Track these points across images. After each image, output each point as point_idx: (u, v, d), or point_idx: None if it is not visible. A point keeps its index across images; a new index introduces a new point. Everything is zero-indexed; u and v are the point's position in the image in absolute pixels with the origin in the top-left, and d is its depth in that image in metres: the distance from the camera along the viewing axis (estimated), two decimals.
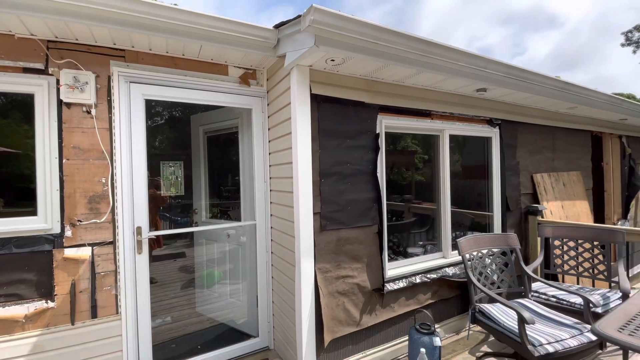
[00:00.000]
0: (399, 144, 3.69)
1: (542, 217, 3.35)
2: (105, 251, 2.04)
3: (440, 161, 2.92)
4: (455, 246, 2.63)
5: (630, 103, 3.87)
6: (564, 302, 2.47)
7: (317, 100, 2.17)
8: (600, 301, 2.36)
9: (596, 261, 2.71)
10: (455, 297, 2.89)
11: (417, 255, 2.84)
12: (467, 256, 2.51)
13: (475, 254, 2.58)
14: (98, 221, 2.02)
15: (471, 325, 2.41)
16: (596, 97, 3.37)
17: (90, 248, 1.99)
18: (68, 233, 1.94)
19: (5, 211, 1.94)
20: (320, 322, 2.16)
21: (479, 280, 2.49)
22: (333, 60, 1.99)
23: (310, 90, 2.11)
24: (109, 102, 2.06)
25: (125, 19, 1.74)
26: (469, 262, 2.49)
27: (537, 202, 3.48)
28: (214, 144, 3.35)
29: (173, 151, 8.00)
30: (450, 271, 2.78)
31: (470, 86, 2.64)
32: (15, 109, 1.99)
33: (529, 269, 2.64)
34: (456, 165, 3.21)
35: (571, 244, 2.83)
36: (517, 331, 1.92)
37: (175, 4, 1.88)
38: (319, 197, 2.18)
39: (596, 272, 2.70)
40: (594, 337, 1.90)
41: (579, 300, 2.39)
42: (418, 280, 2.58)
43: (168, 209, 6.53)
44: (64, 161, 1.94)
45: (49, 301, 1.90)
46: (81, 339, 1.96)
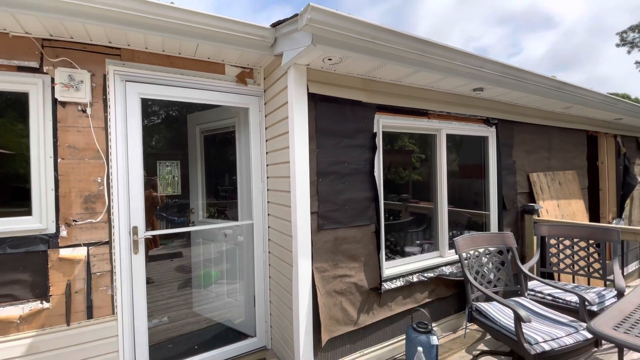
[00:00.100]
0: (396, 143, 3.69)
1: (538, 216, 3.37)
2: (101, 251, 2.02)
3: (437, 160, 2.93)
4: (452, 245, 2.63)
5: (625, 103, 3.90)
6: (560, 301, 2.49)
7: (314, 100, 2.16)
8: (596, 299, 2.38)
9: (591, 260, 2.73)
10: (452, 295, 2.90)
11: (415, 254, 2.85)
12: (464, 255, 2.52)
13: (472, 252, 2.59)
14: (94, 221, 2.00)
15: (468, 324, 2.43)
16: (591, 97, 3.39)
17: (85, 248, 1.98)
18: (63, 233, 1.93)
19: (0, 211, 1.92)
20: (317, 321, 2.16)
21: (475, 279, 2.50)
22: (330, 60, 1.98)
23: (308, 90, 2.10)
24: (105, 101, 2.04)
25: (121, 17, 1.73)
26: (465, 261, 2.50)
27: (533, 201, 3.50)
28: (211, 143, 3.34)
29: (170, 151, 7.95)
30: (447, 270, 2.80)
31: (467, 86, 2.65)
32: (9, 108, 1.97)
33: (525, 268, 2.66)
34: (453, 164, 3.22)
35: (567, 242, 2.85)
36: (514, 329, 1.93)
37: (172, 2, 1.86)
38: (317, 197, 2.18)
39: (591, 270, 2.72)
40: (589, 335, 1.91)
41: (574, 299, 2.40)
42: (415, 279, 2.58)
43: (165, 208, 6.50)
44: (59, 160, 1.92)
45: (44, 302, 1.88)
46: (77, 339, 1.94)
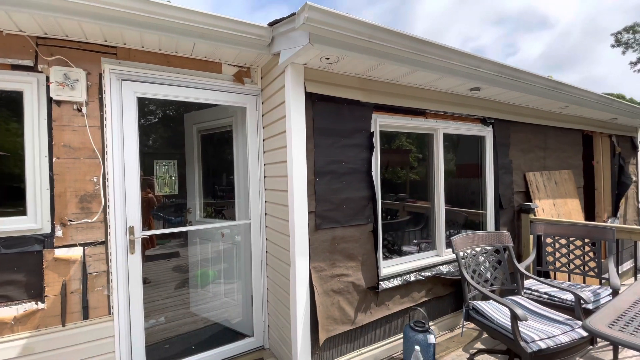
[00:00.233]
0: (393, 142, 3.70)
1: (535, 215, 3.39)
2: (97, 251, 2.01)
3: (434, 160, 2.93)
4: (449, 244, 2.64)
5: (620, 103, 3.93)
6: (556, 299, 2.50)
7: (311, 99, 2.16)
8: (591, 298, 2.40)
9: (587, 258, 2.75)
10: (449, 294, 2.91)
11: (412, 254, 2.85)
12: (461, 254, 2.53)
13: (469, 251, 2.60)
14: (89, 221, 1.99)
15: (465, 323, 2.43)
16: (587, 97, 3.41)
17: (81, 248, 1.96)
18: (58, 233, 1.91)
19: None
20: (315, 320, 2.16)
21: (472, 278, 2.51)
22: (328, 59, 1.98)
23: (305, 89, 2.10)
24: (101, 100, 2.03)
25: (117, 15, 1.72)
26: (462, 260, 2.51)
27: (530, 201, 3.52)
28: (208, 142, 3.33)
29: (167, 150, 7.91)
30: (444, 269, 2.80)
31: (464, 85, 2.65)
32: (3, 107, 1.94)
33: (521, 267, 2.67)
34: (450, 164, 3.23)
35: (563, 241, 2.87)
36: (510, 328, 1.94)
37: (168, 0, 1.85)
38: (314, 196, 2.18)
39: (587, 269, 2.74)
40: (585, 333, 1.92)
41: (570, 297, 2.42)
42: (412, 279, 2.59)
43: (162, 208, 6.47)
44: (54, 160, 1.91)
45: (39, 302, 1.87)
46: (72, 340, 1.93)
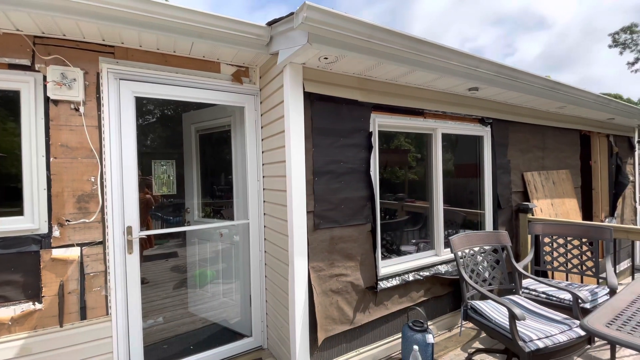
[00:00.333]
0: (392, 142, 3.70)
1: (533, 215, 3.40)
2: (95, 251, 2.00)
3: (432, 160, 2.94)
4: (447, 244, 2.64)
5: (617, 103, 3.95)
6: (554, 298, 2.51)
7: (310, 99, 2.16)
8: (589, 297, 2.41)
9: (584, 258, 2.76)
10: (448, 294, 2.92)
11: (410, 253, 2.85)
12: (459, 254, 2.53)
13: (467, 251, 2.60)
14: (87, 221, 1.98)
15: (463, 322, 2.44)
16: (585, 97, 3.43)
17: (79, 248, 1.95)
18: (56, 233, 1.90)
19: None
20: (313, 320, 2.16)
21: (470, 278, 2.51)
22: (326, 58, 1.98)
23: (304, 88, 2.10)
24: (98, 100, 2.02)
25: (114, 14, 1.71)
26: (461, 260, 2.51)
27: (528, 200, 3.53)
28: (206, 142, 3.32)
29: (165, 150, 7.88)
30: (442, 269, 2.81)
31: (463, 85, 2.66)
32: (0, 107, 1.93)
33: (519, 266, 2.68)
34: (449, 163, 3.23)
35: (560, 241, 2.88)
36: (508, 327, 1.94)
37: None
38: (313, 196, 2.17)
39: (584, 268, 2.75)
40: (582, 333, 1.93)
41: (568, 297, 2.43)
42: (411, 278, 2.59)
43: (160, 208, 6.45)
44: (51, 160, 1.90)
45: (36, 303, 1.86)
46: (70, 340, 1.92)
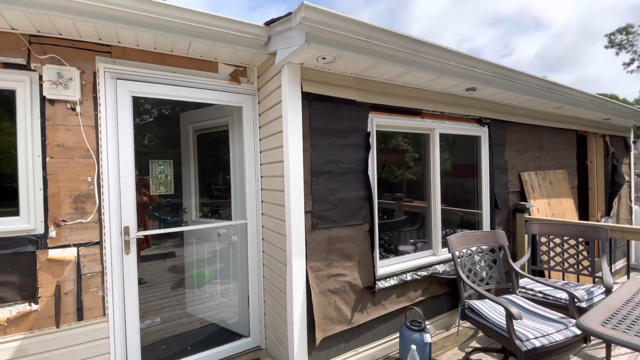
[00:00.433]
0: (390, 142, 3.71)
1: (530, 215, 3.42)
2: (92, 252, 1.99)
3: (430, 160, 2.94)
4: (445, 244, 2.66)
5: (613, 103, 3.98)
6: (550, 298, 2.53)
7: (308, 99, 2.16)
8: (585, 296, 2.42)
9: (581, 257, 2.78)
10: (445, 294, 2.93)
11: (408, 253, 2.86)
12: (457, 253, 2.54)
13: (464, 251, 2.61)
14: (84, 221, 1.97)
15: (461, 322, 2.45)
16: (581, 97, 3.45)
17: (75, 249, 1.94)
18: (52, 233, 1.89)
19: None
20: (311, 320, 2.16)
21: (468, 277, 2.52)
22: (324, 59, 1.98)
23: (302, 88, 2.09)
24: (95, 99, 2.01)
25: (111, 13, 1.70)
26: (458, 260, 2.52)
27: (525, 200, 3.55)
28: (204, 142, 3.31)
29: (162, 149, 7.85)
30: (440, 268, 2.82)
31: (460, 85, 2.67)
32: None
33: (516, 266, 2.69)
34: (446, 163, 3.24)
35: (557, 240, 2.90)
36: (505, 326, 1.95)
37: None
38: (310, 196, 2.17)
39: (581, 267, 2.77)
40: (578, 332, 1.94)
41: (564, 296, 2.44)
42: (409, 278, 2.60)
43: (157, 208, 6.43)
44: (47, 159, 1.88)
45: (32, 304, 1.85)
46: (67, 341, 1.91)
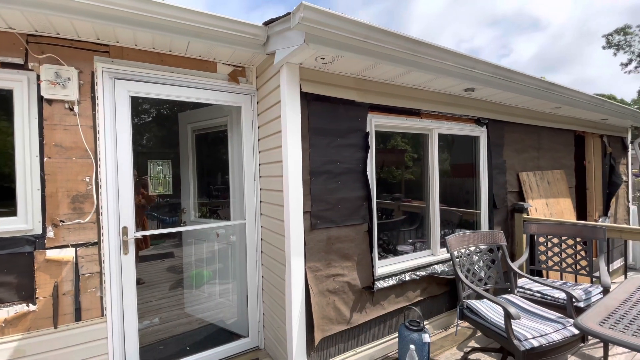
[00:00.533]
0: (389, 142, 3.72)
1: (528, 215, 3.43)
2: (90, 252, 1.98)
3: (429, 160, 2.95)
4: (444, 244, 2.65)
5: (611, 104, 3.99)
6: (548, 297, 2.53)
7: (307, 99, 2.15)
8: (583, 296, 2.43)
9: (578, 257, 2.79)
10: (444, 294, 2.93)
11: (407, 253, 2.86)
12: (456, 253, 2.54)
13: (463, 251, 2.62)
14: (82, 221, 1.96)
15: (459, 322, 2.45)
16: (579, 98, 3.46)
17: (73, 249, 1.93)
18: (50, 234, 1.88)
19: None
20: (310, 320, 2.16)
21: (466, 277, 2.53)
22: (323, 59, 1.98)
23: (300, 88, 2.09)
24: (93, 99, 2.00)
25: (109, 13, 1.69)
26: (457, 260, 2.52)
27: (523, 200, 3.56)
28: (202, 142, 3.30)
29: (161, 149, 7.83)
30: (439, 268, 2.82)
31: (459, 86, 2.67)
32: None
33: (514, 266, 2.70)
34: (445, 163, 3.25)
35: (555, 240, 2.91)
36: (504, 326, 1.96)
37: None
38: (309, 196, 2.17)
39: (578, 267, 2.78)
40: (576, 331, 1.95)
41: (562, 295, 2.45)
42: (407, 278, 2.60)
43: (156, 208, 6.41)
44: (45, 160, 1.88)
45: (30, 304, 1.84)
46: (65, 342, 1.90)
